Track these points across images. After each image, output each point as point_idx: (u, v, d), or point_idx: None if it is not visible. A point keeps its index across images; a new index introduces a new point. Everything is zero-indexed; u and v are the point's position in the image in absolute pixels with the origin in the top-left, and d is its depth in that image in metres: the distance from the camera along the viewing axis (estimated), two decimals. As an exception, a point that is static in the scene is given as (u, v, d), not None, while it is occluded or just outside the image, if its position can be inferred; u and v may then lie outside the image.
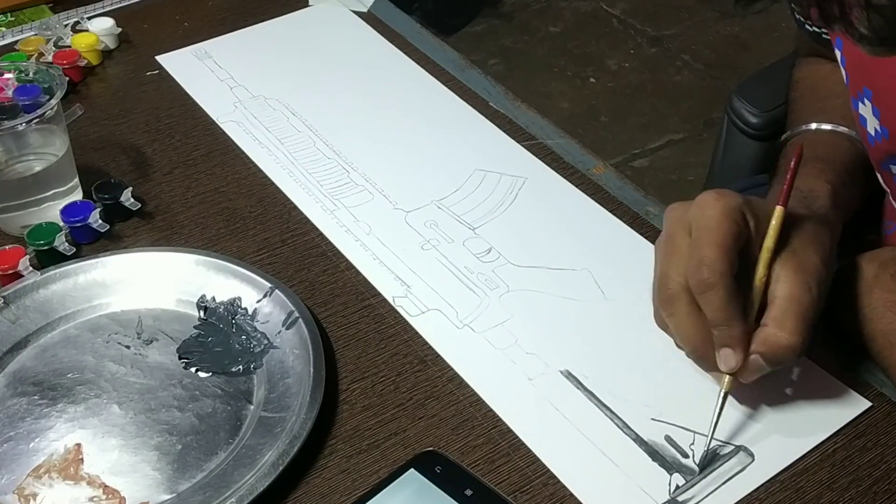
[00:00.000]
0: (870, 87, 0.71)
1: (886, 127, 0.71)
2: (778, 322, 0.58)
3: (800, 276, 0.59)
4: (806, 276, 0.59)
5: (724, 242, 0.58)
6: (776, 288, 0.59)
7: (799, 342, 0.58)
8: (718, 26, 2.69)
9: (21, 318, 0.67)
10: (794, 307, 0.58)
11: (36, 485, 0.58)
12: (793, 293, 0.59)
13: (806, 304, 0.59)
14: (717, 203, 0.59)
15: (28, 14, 1.01)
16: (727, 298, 0.58)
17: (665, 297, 0.60)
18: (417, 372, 0.65)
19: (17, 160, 0.75)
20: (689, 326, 0.60)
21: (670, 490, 0.58)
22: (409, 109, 0.89)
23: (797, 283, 0.59)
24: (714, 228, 0.58)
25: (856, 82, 0.73)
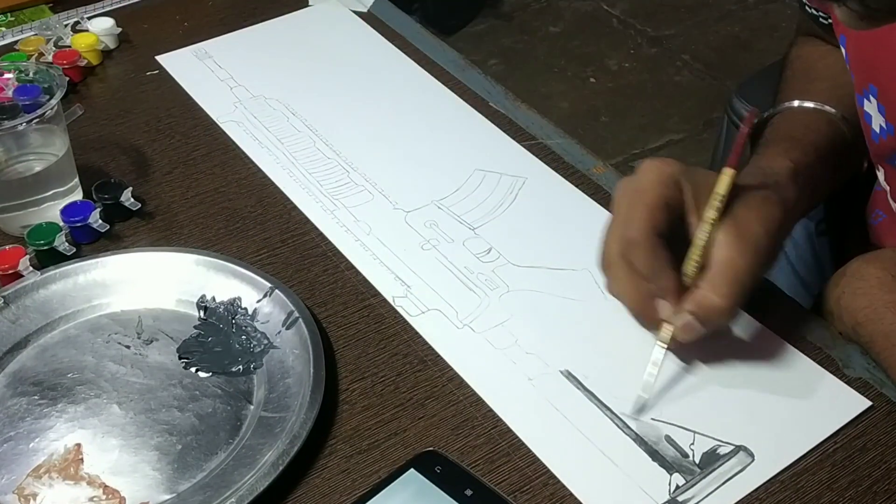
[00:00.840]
0: (875, 84, 0.71)
1: (892, 123, 0.71)
2: (711, 284, 0.60)
3: (738, 241, 0.61)
4: (744, 243, 0.61)
5: (652, 203, 0.61)
6: (714, 252, 0.61)
7: (730, 305, 0.60)
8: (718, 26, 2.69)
9: (21, 318, 0.67)
10: (728, 271, 0.60)
11: (36, 485, 0.58)
12: (729, 257, 0.60)
13: (741, 268, 0.60)
14: (652, 169, 0.63)
15: (28, 14, 1.01)
16: (651, 251, 0.61)
17: (605, 263, 0.64)
18: (417, 372, 0.65)
19: (17, 160, 0.75)
20: (627, 286, 0.63)
21: (670, 490, 0.58)
22: (409, 109, 0.89)
23: (734, 248, 0.60)
24: (645, 191, 0.62)
25: (861, 79, 0.73)
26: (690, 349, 0.65)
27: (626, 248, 0.62)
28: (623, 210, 0.63)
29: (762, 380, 0.64)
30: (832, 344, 0.67)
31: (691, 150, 2.23)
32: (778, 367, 0.65)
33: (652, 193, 0.62)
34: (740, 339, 0.67)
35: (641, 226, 0.61)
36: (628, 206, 0.63)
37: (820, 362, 0.65)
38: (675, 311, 0.61)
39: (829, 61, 0.82)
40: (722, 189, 0.61)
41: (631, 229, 0.62)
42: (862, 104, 0.74)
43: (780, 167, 0.68)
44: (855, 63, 0.74)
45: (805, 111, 0.78)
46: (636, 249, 0.61)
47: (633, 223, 0.62)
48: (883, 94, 0.71)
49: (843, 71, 0.78)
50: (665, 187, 0.62)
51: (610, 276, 0.64)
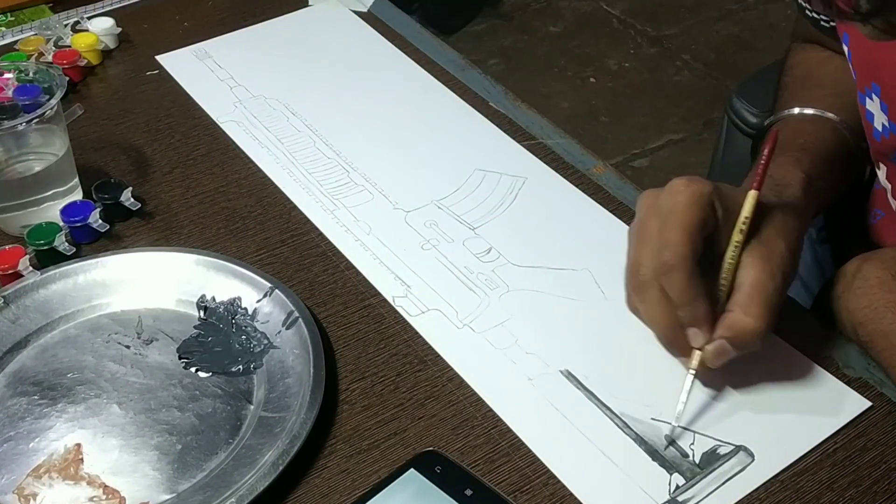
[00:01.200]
0: (878, 83, 0.71)
1: (895, 122, 0.71)
2: (743, 307, 0.60)
3: (766, 263, 0.61)
4: (772, 264, 0.61)
5: (689, 226, 0.60)
6: (743, 274, 0.61)
7: (763, 327, 0.60)
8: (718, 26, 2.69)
9: (21, 318, 0.67)
10: (759, 293, 0.60)
11: (36, 485, 0.58)
12: (758, 280, 0.60)
13: (770, 290, 0.60)
14: (686, 189, 0.61)
15: (28, 14, 1.01)
16: (688, 279, 0.59)
17: (636, 284, 0.62)
18: (417, 372, 0.65)
19: (17, 160, 0.75)
20: (659, 312, 0.61)
21: (670, 490, 0.58)
22: (410, 109, 0.89)
23: (763, 271, 0.60)
24: (680, 212, 0.60)
25: (864, 78, 0.73)
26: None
27: (661, 269, 0.60)
28: (656, 230, 0.61)
29: (762, 380, 0.64)
30: (832, 344, 0.67)
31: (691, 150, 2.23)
32: (778, 367, 0.65)
33: (688, 215, 0.60)
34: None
35: (679, 251, 0.59)
36: (662, 226, 0.60)
37: (820, 362, 0.65)
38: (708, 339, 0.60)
39: (829, 68, 0.82)
40: (747, 212, 0.60)
41: (667, 253, 0.59)
42: (864, 103, 0.74)
43: (793, 179, 0.68)
44: (857, 61, 0.74)
45: (806, 118, 0.78)
46: (672, 275, 0.59)
47: (669, 247, 0.59)
48: (885, 93, 0.71)
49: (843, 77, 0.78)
50: (701, 209, 0.60)
51: (641, 298, 0.62)
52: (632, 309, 0.65)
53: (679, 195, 0.61)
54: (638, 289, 0.62)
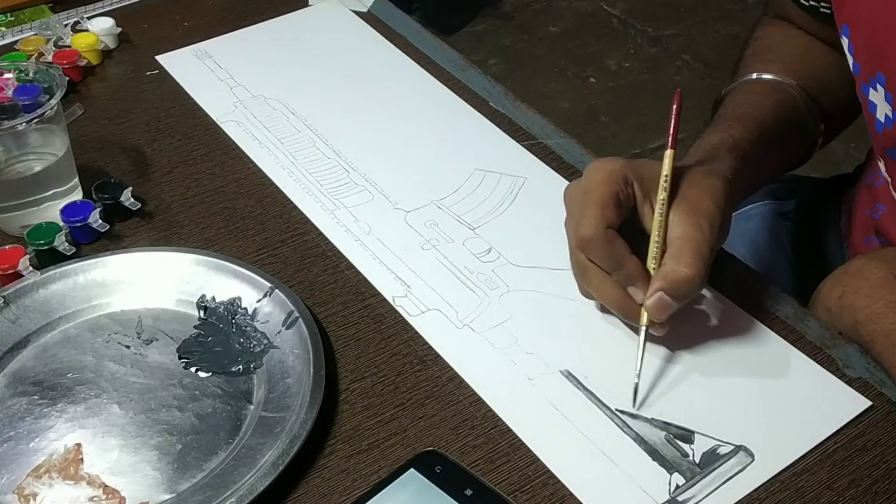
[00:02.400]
0: (883, 72, 0.71)
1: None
2: (675, 258, 0.62)
3: (692, 217, 0.63)
4: (698, 217, 0.63)
5: (600, 199, 0.63)
6: (672, 231, 0.63)
7: (696, 274, 0.61)
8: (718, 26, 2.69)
9: (21, 318, 0.67)
10: (688, 244, 0.62)
11: (36, 485, 0.58)
12: (686, 232, 0.63)
13: (700, 240, 0.62)
14: (597, 170, 0.65)
15: (28, 14, 1.01)
16: (607, 245, 0.62)
17: (579, 271, 0.66)
18: (417, 372, 0.65)
19: (17, 160, 0.75)
20: (606, 288, 0.64)
21: (670, 490, 0.58)
22: (410, 109, 0.89)
23: (690, 224, 0.63)
24: (592, 191, 0.64)
25: (868, 68, 0.73)
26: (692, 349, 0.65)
27: (580, 245, 0.64)
28: (574, 213, 0.65)
29: (762, 379, 0.64)
30: (832, 344, 0.67)
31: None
32: (778, 366, 0.65)
33: (599, 191, 0.63)
34: (740, 339, 0.67)
35: (591, 223, 0.62)
36: (578, 207, 0.64)
37: (820, 362, 0.65)
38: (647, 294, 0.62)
39: (792, 44, 0.84)
40: (666, 170, 0.64)
41: (582, 228, 0.63)
42: (867, 93, 0.73)
43: (720, 144, 0.71)
44: (862, 51, 0.73)
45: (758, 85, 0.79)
46: (592, 246, 0.63)
47: (583, 222, 0.63)
48: (891, 82, 0.70)
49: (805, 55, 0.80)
50: (612, 183, 0.64)
51: (587, 282, 0.65)
52: (584, 294, 0.67)
53: (591, 175, 0.65)
54: (581, 275, 0.66)
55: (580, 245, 0.64)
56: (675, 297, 0.62)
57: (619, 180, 0.64)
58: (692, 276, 0.61)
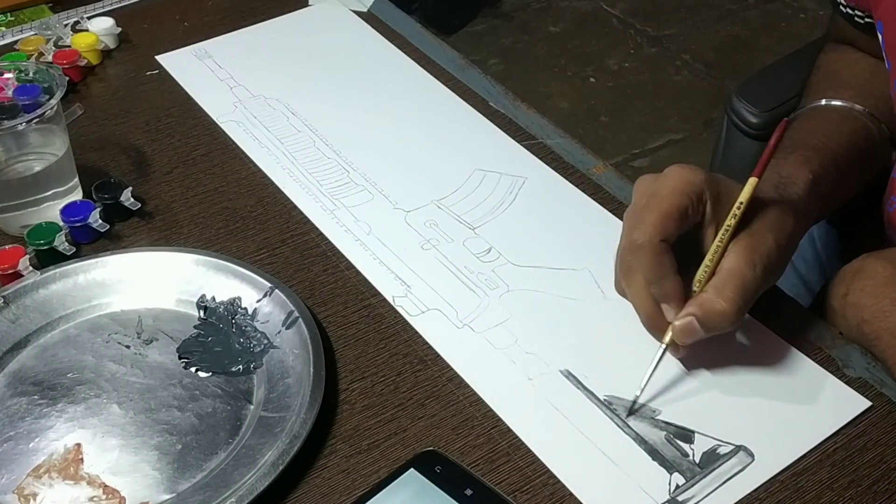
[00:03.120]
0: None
1: None
2: (716, 289, 0.61)
3: (749, 253, 0.61)
4: (755, 255, 0.61)
5: (665, 210, 0.61)
6: (725, 260, 0.62)
7: (733, 311, 0.60)
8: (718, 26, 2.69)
9: (21, 318, 0.67)
10: (734, 278, 0.61)
11: (36, 485, 0.58)
12: (737, 266, 0.61)
13: (748, 278, 0.61)
14: (675, 175, 0.62)
15: (28, 14, 1.01)
16: (655, 257, 0.61)
17: (621, 270, 0.64)
18: (417, 372, 0.65)
19: (17, 160, 0.75)
20: (642, 296, 0.63)
21: (670, 490, 0.58)
22: (410, 109, 0.89)
23: (744, 259, 0.61)
24: (663, 197, 0.62)
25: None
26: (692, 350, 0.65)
27: (629, 247, 0.62)
28: (636, 210, 0.63)
29: (762, 380, 0.64)
30: (832, 344, 0.67)
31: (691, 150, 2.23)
32: (778, 367, 0.65)
33: (668, 201, 0.61)
34: (740, 339, 0.67)
35: (648, 230, 0.61)
36: (641, 209, 0.62)
37: (820, 362, 0.65)
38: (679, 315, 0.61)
39: (857, 69, 0.82)
40: (743, 197, 0.61)
41: (636, 233, 0.61)
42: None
43: (798, 178, 0.68)
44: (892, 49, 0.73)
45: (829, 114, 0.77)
46: (640, 254, 0.61)
47: (640, 227, 0.61)
48: None
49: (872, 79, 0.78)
50: (684, 196, 0.62)
51: (628, 282, 0.64)
52: (619, 291, 0.66)
53: (668, 181, 0.62)
54: (625, 273, 0.64)
55: (630, 248, 0.62)
56: (704, 326, 0.61)
57: (694, 195, 0.62)
58: (728, 312, 0.60)
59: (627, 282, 0.64)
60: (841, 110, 0.78)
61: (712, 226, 0.62)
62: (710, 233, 0.63)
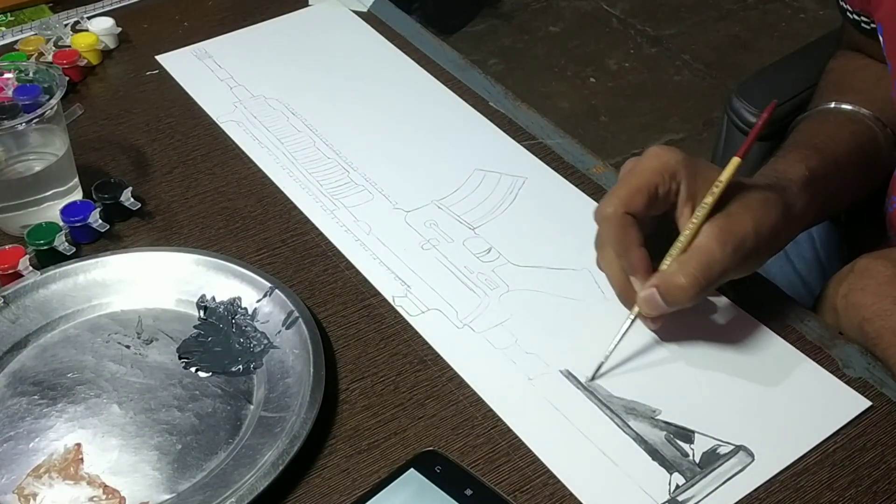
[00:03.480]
0: None
1: None
2: (680, 263, 0.62)
3: (721, 233, 0.62)
4: (727, 236, 0.62)
5: (635, 186, 0.63)
6: (697, 239, 0.62)
7: (691, 285, 0.61)
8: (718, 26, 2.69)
9: (21, 318, 0.67)
10: (700, 255, 0.61)
11: (36, 485, 0.58)
12: (706, 244, 0.62)
13: (715, 257, 0.61)
14: (653, 154, 0.64)
15: (28, 14, 1.01)
16: (621, 228, 0.62)
17: (597, 240, 0.66)
18: (417, 372, 0.65)
19: (17, 160, 0.75)
20: (614, 268, 0.65)
21: (670, 490, 0.58)
22: (409, 109, 0.89)
23: (714, 238, 0.62)
24: (636, 174, 0.63)
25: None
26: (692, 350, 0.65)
27: (596, 217, 0.64)
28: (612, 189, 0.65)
29: (762, 379, 0.64)
30: (832, 344, 0.67)
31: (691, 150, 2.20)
32: (778, 366, 0.65)
33: (641, 177, 0.63)
34: (741, 339, 0.67)
35: (614, 202, 0.63)
36: (616, 185, 0.64)
37: (820, 362, 0.65)
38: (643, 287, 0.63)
39: (865, 74, 0.82)
40: (723, 176, 0.62)
41: (604, 205, 0.63)
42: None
43: (795, 174, 0.69)
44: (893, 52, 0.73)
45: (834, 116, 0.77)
46: (605, 225, 0.63)
47: (608, 200, 0.63)
48: None
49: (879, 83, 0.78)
50: (656, 174, 0.63)
51: (601, 255, 0.66)
52: (598, 266, 0.67)
53: (644, 160, 0.64)
54: (596, 243, 0.66)
55: (596, 219, 0.64)
56: (665, 300, 0.62)
57: (666, 173, 0.63)
58: (686, 288, 0.61)
59: (600, 254, 0.66)
60: (846, 113, 0.78)
61: (688, 205, 0.63)
62: (686, 212, 0.63)
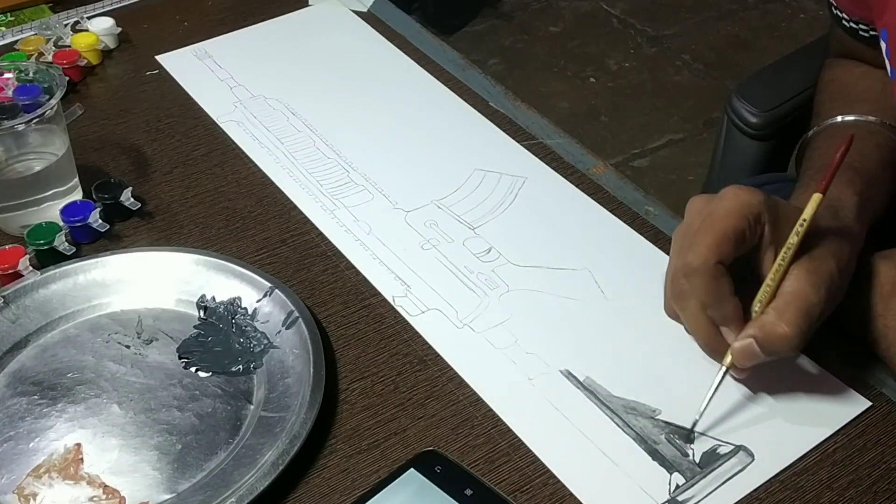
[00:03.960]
0: None
1: None
2: (779, 312, 0.59)
3: (812, 276, 0.60)
4: (818, 278, 0.60)
5: (721, 232, 0.60)
6: (787, 283, 0.60)
7: (795, 334, 0.59)
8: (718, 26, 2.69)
9: (21, 318, 0.67)
10: (797, 302, 0.59)
11: (36, 484, 0.58)
12: (801, 289, 0.59)
13: (812, 302, 0.59)
14: (733, 196, 0.61)
15: (28, 14, 1.01)
16: (711, 280, 0.60)
17: (674, 294, 0.63)
18: (417, 372, 0.65)
19: (16, 160, 0.75)
20: (699, 319, 0.62)
21: (670, 489, 0.58)
22: (410, 109, 0.89)
23: (807, 282, 0.59)
24: (719, 218, 0.60)
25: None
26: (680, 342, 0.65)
27: (683, 270, 0.61)
28: (690, 230, 0.62)
29: (762, 379, 0.64)
30: (832, 344, 0.67)
31: (691, 150, 2.23)
32: (778, 366, 0.65)
33: (725, 222, 0.60)
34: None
35: (703, 252, 0.60)
36: (696, 231, 0.61)
37: (820, 362, 0.65)
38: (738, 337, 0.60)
39: (868, 82, 0.81)
40: (807, 214, 0.59)
41: (691, 256, 0.60)
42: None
43: (847, 200, 0.67)
44: None
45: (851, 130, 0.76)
46: (695, 277, 0.60)
47: (694, 249, 0.60)
48: None
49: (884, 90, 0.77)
50: (741, 218, 0.60)
51: (682, 306, 0.63)
52: (669, 314, 0.65)
53: (724, 202, 0.61)
54: (678, 297, 0.63)
55: (684, 271, 0.61)
56: (764, 349, 0.59)
57: (751, 216, 0.60)
58: (790, 336, 0.59)
59: (681, 305, 0.63)
60: (864, 125, 0.77)
61: (771, 248, 0.61)
62: (770, 255, 0.61)
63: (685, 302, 0.62)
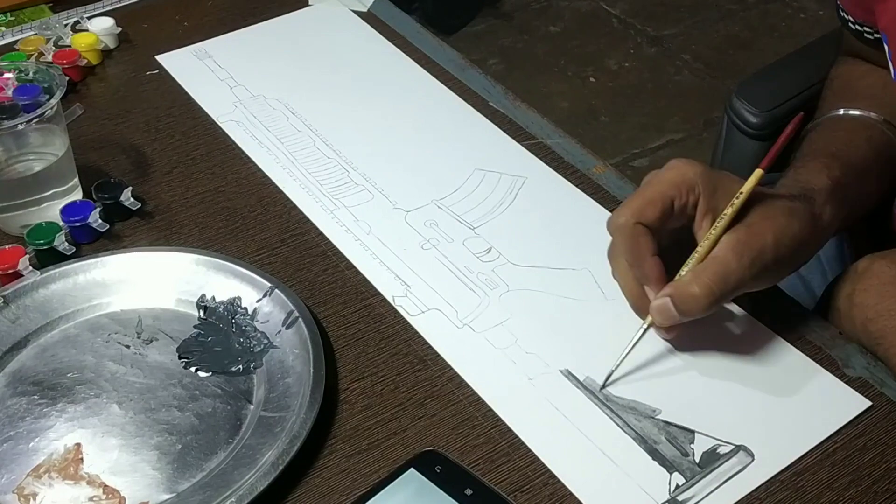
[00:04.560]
0: None
1: None
2: (695, 273, 0.61)
3: (738, 245, 0.61)
4: (745, 247, 0.61)
5: (649, 196, 0.62)
6: (715, 250, 0.62)
7: (706, 297, 0.60)
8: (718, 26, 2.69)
9: (21, 318, 0.67)
10: (716, 266, 0.61)
11: (36, 484, 0.58)
12: (723, 256, 0.61)
13: (731, 269, 0.61)
14: (674, 167, 0.64)
15: (28, 14, 1.01)
16: (632, 240, 0.62)
17: (610, 253, 0.66)
18: (417, 372, 0.65)
19: (16, 160, 0.75)
20: (627, 278, 0.65)
21: (670, 489, 0.58)
22: (409, 109, 0.89)
23: (731, 250, 0.61)
24: (653, 184, 0.63)
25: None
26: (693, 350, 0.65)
27: (608, 228, 0.64)
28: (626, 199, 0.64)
29: (762, 379, 0.64)
30: (832, 344, 0.67)
31: (691, 150, 2.23)
32: (778, 366, 0.65)
33: (656, 189, 0.63)
34: (740, 339, 0.67)
35: (626, 212, 0.62)
36: (631, 196, 0.64)
37: (820, 362, 0.65)
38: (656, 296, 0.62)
39: (870, 80, 0.82)
40: (745, 188, 0.61)
41: (616, 215, 0.63)
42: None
43: (818, 183, 0.68)
44: None
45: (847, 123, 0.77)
46: (617, 234, 0.63)
47: (621, 209, 0.63)
48: None
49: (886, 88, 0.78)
50: (671, 186, 0.63)
51: (613, 265, 0.66)
52: (613, 276, 0.67)
53: (664, 172, 0.64)
54: (609, 253, 0.66)
55: (609, 229, 0.64)
56: (678, 309, 0.61)
57: (683, 185, 0.63)
58: (700, 298, 0.60)
59: (613, 264, 0.66)
60: (859, 119, 0.78)
61: (707, 217, 0.63)
62: (705, 224, 0.63)
63: (615, 260, 0.65)
